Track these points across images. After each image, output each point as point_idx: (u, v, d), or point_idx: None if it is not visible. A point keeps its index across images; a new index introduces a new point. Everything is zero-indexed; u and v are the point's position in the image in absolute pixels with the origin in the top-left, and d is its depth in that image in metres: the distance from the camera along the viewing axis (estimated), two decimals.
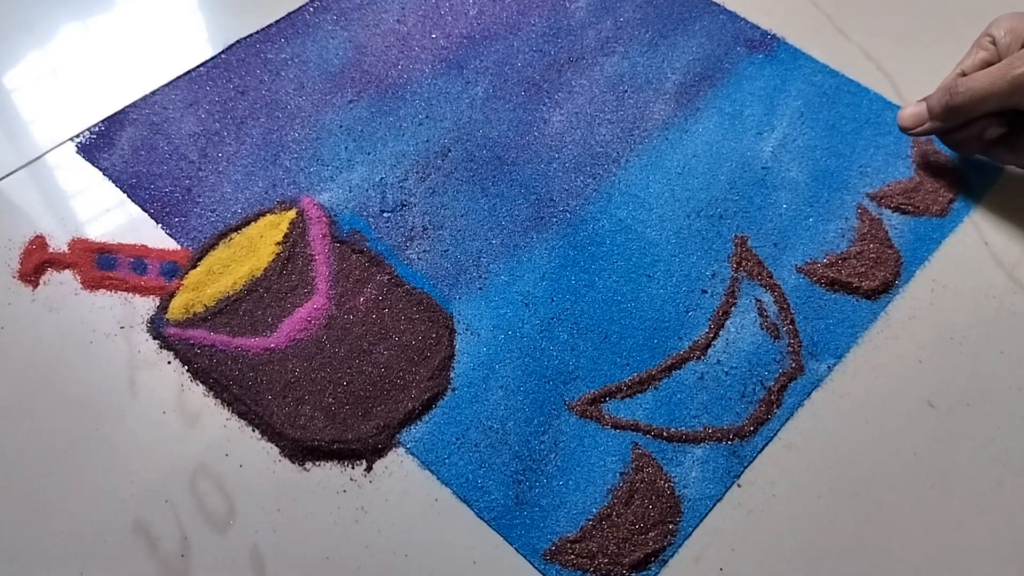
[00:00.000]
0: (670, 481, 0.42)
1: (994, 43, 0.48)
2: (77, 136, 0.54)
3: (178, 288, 0.48)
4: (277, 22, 0.60)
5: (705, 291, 0.48)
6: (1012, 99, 0.46)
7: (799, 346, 0.46)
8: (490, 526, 0.41)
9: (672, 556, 0.40)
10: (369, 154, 0.53)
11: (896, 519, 0.41)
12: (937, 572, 0.39)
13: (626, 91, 0.56)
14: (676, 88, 0.57)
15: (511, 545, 0.40)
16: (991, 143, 0.49)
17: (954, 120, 0.49)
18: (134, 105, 0.56)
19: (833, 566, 0.39)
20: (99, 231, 0.50)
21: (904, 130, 0.51)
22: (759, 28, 0.60)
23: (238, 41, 0.59)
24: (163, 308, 0.47)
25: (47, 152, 0.53)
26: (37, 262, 0.48)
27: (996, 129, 0.48)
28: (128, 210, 0.51)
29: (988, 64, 0.48)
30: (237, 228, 0.50)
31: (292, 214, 0.51)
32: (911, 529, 0.40)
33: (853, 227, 0.50)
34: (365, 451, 0.42)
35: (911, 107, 0.51)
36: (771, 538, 0.40)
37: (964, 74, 0.49)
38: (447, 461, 0.42)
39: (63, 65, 0.58)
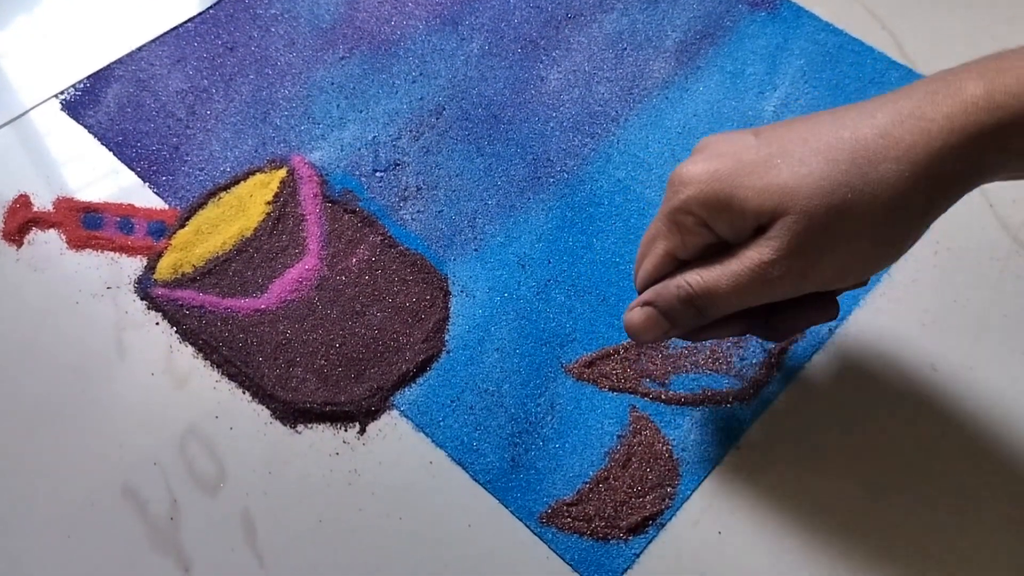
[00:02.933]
0: (668, 444, 0.41)
1: (704, 225, 0.34)
2: (61, 93, 0.53)
3: (166, 248, 0.46)
4: None
5: None
6: (776, 297, 0.34)
7: None
8: (486, 489, 0.40)
9: (670, 519, 0.39)
10: (361, 112, 0.52)
11: (897, 483, 0.40)
12: (937, 536, 0.39)
13: (625, 49, 0.55)
14: (676, 46, 0.55)
15: (507, 508, 0.39)
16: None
17: (702, 323, 0.36)
18: (120, 61, 0.54)
19: (833, 530, 0.39)
20: (85, 190, 0.49)
21: (641, 340, 0.37)
22: None
23: None
24: (151, 268, 0.46)
25: (31, 109, 0.52)
26: (21, 221, 0.47)
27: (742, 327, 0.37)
28: (114, 168, 0.50)
29: (704, 247, 0.34)
30: (226, 187, 0.49)
31: (282, 173, 0.49)
32: (912, 493, 0.40)
33: None
34: (358, 413, 0.42)
35: (636, 312, 0.36)
36: (770, 501, 0.40)
37: (672, 256, 0.35)
38: (442, 424, 0.42)
39: (47, 20, 0.56)
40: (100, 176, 0.49)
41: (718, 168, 0.33)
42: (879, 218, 0.31)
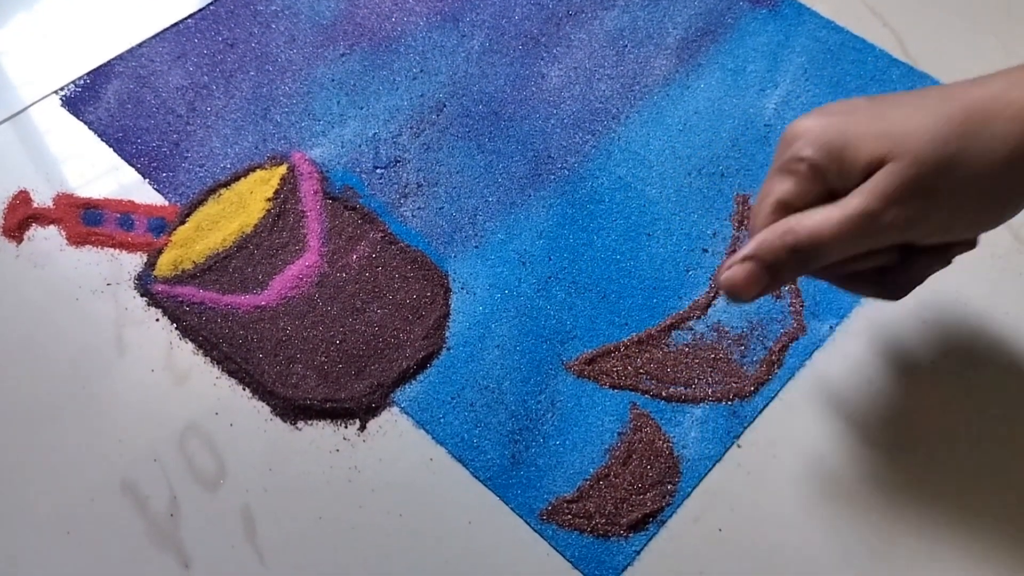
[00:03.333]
0: (669, 441, 0.41)
1: (818, 171, 0.34)
2: (62, 89, 0.53)
3: (166, 244, 0.46)
4: None
5: (706, 250, 0.47)
6: (875, 245, 0.34)
7: (801, 306, 0.45)
8: (486, 486, 0.40)
9: (671, 516, 0.39)
10: (362, 109, 0.52)
11: (898, 480, 0.40)
12: (939, 532, 0.39)
13: (626, 46, 0.55)
14: (677, 43, 0.55)
15: (507, 505, 0.39)
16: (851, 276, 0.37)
17: (803, 274, 0.36)
18: (120, 57, 0.54)
19: (834, 528, 0.39)
20: (85, 186, 0.49)
21: (742, 297, 0.35)
22: None
23: None
24: (151, 265, 0.46)
25: (31, 105, 0.52)
26: (21, 217, 0.47)
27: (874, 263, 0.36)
28: (114, 165, 0.49)
29: (816, 196, 0.34)
30: (226, 184, 0.49)
31: (283, 169, 0.49)
32: (914, 490, 0.40)
33: None
34: (358, 410, 0.42)
35: (739, 268, 0.35)
36: (771, 499, 0.40)
37: (788, 208, 0.35)
38: (442, 420, 0.42)
39: (47, 16, 0.56)
40: (100, 172, 0.49)
41: (832, 119, 0.34)
42: (990, 173, 0.31)
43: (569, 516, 0.39)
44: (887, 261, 0.36)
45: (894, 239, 0.33)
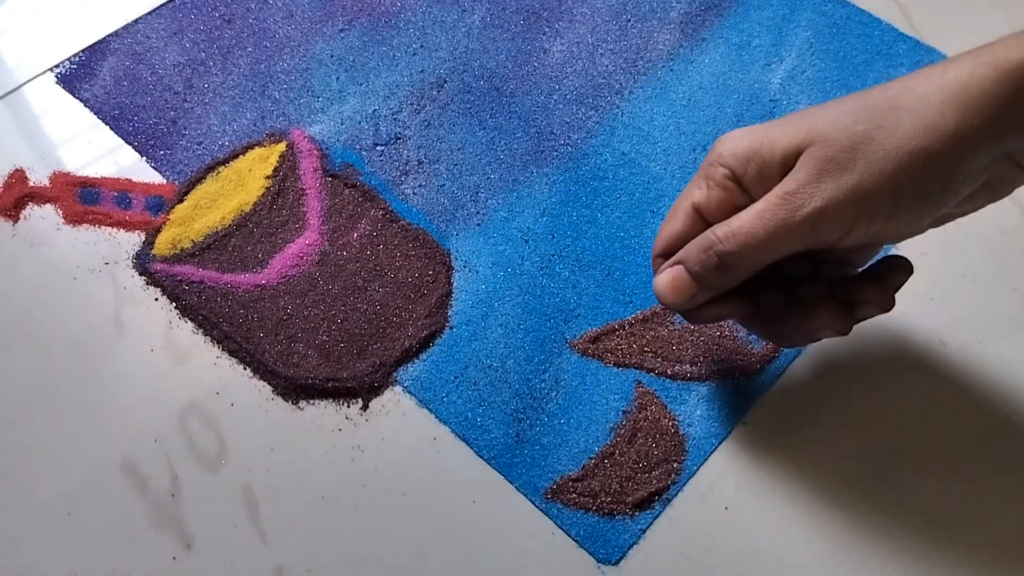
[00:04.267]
0: (674, 419, 0.41)
1: (734, 179, 0.35)
2: (57, 67, 0.52)
3: (164, 223, 0.46)
4: None
5: None
6: (804, 242, 0.33)
7: None
8: (490, 465, 0.40)
9: (676, 495, 0.39)
10: (361, 85, 0.51)
11: (906, 457, 0.40)
12: (947, 510, 0.38)
13: (629, 20, 0.54)
14: (681, 17, 0.54)
15: (511, 484, 0.39)
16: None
17: (730, 283, 0.35)
18: (116, 34, 0.53)
19: (841, 505, 0.39)
20: (81, 164, 0.48)
21: (672, 307, 0.36)
22: None
23: None
24: (149, 243, 0.45)
25: (25, 83, 0.51)
26: (17, 196, 0.47)
27: (774, 297, 0.37)
28: (111, 142, 0.49)
29: (732, 205, 0.35)
30: (225, 161, 0.48)
31: (282, 147, 0.49)
32: (919, 468, 0.39)
33: None
34: (361, 389, 0.41)
35: (665, 275, 0.36)
36: (777, 477, 0.39)
37: (699, 213, 0.36)
38: (445, 399, 0.41)
39: None
40: (96, 150, 0.49)
41: (755, 128, 0.35)
42: (904, 150, 0.31)
43: (574, 495, 0.39)
44: (805, 271, 0.36)
45: (819, 229, 0.33)
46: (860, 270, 0.37)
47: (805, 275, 0.37)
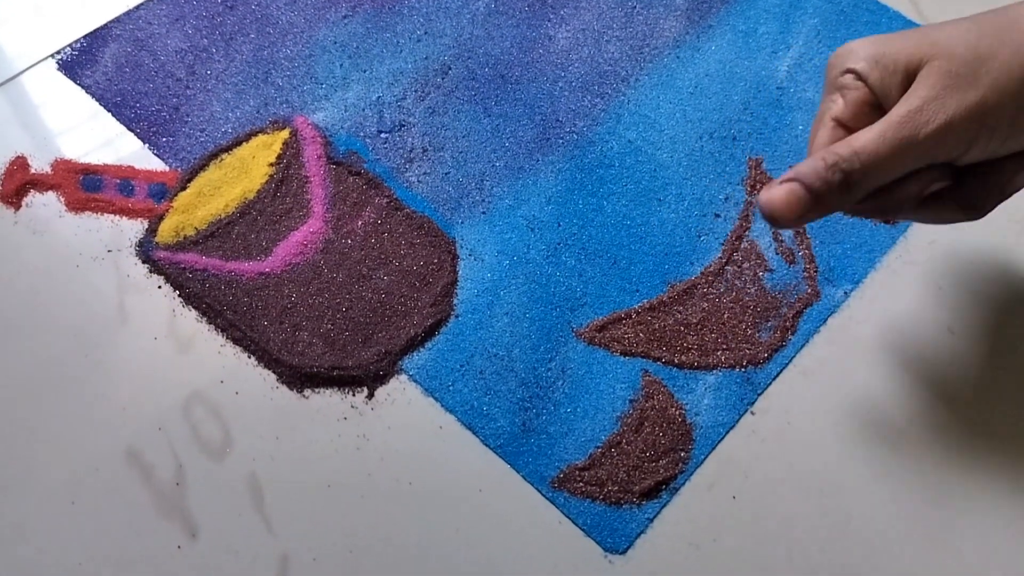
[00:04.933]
0: (681, 408, 0.40)
1: (861, 79, 0.34)
2: (58, 53, 0.51)
3: (167, 210, 0.45)
4: None
5: (718, 215, 0.46)
6: (926, 158, 0.33)
7: (815, 271, 0.44)
8: (496, 454, 0.39)
9: (684, 484, 0.39)
10: (365, 72, 0.51)
11: (915, 446, 0.39)
12: (956, 498, 0.38)
13: (635, 7, 0.54)
14: (687, 4, 0.54)
15: (518, 473, 0.39)
16: (924, 200, 0.36)
17: (851, 200, 0.34)
18: (117, 20, 0.53)
19: (849, 494, 0.38)
20: (83, 151, 0.48)
21: (781, 222, 0.34)
22: None
23: None
24: (152, 231, 0.45)
25: (26, 70, 0.51)
26: (19, 183, 0.46)
27: (939, 183, 0.35)
28: (113, 130, 0.48)
29: (867, 105, 0.34)
30: (228, 148, 0.48)
31: (285, 134, 0.48)
32: (930, 455, 0.39)
33: None
34: (366, 378, 0.41)
35: (777, 189, 0.33)
36: (786, 466, 0.39)
37: (841, 124, 0.35)
38: (451, 388, 0.41)
39: None
40: (98, 137, 0.48)
41: (876, 38, 0.35)
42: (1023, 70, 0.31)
43: (581, 484, 0.39)
44: (939, 181, 0.35)
45: (941, 146, 0.33)
46: None
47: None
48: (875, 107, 0.34)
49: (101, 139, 0.48)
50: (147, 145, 0.48)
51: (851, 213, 0.37)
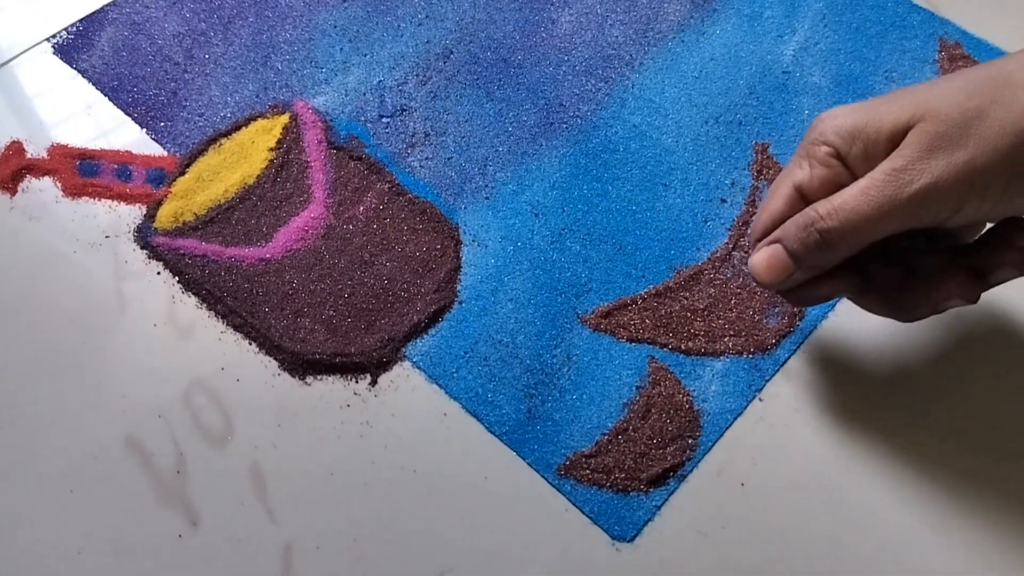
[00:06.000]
0: (688, 395, 0.40)
1: (838, 157, 0.34)
2: (53, 37, 0.51)
3: (166, 196, 0.45)
4: None
5: (724, 200, 0.45)
6: (912, 219, 0.32)
7: None
8: (502, 441, 0.39)
9: (691, 471, 0.38)
10: (366, 56, 0.50)
11: (925, 430, 0.39)
12: (966, 481, 0.38)
13: None
14: None
15: (523, 460, 0.38)
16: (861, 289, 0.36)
17: (831, 262, 0.34)
18: (114, 3, 0.52)
19: (859, 479, 0.38)
20: (80, 136, 0.47)
21: (770, 287, 0.36)
22: None
23: None
24: (150, 217, 0.44)
25: (21, 53, 0.50)
26: (14, 168, 0.45)
27: (849, 293, 0.36)
28: (110, 114, 0.48)
29: (837, 184, 0.33)
30: (227, 133, 0.47)
31: (285, 119, 0.47)
32: (941, 439, 0.39)
33: None
34: (369, 365, 0.40)
35: (761, 254, 0.35)
36: (794, 453, 0.39)
37: (802, 194, 0.34)
38: (455, 375, 0.40)
39: None
40: (95, 122, 0.47)
41: (858, 105, 0.34)
42: (1021, 126, 0.30)
43: (587, 471, 0.38)
44: (849, 292, 0.35)
45: (926, 208, 0.31)
46: (975, 239, 0.36)
47: (919, 248, 0.36)
48: (842, 187, 0.33)
49: (98, 124, 0.47)
50: (145, 130, 0.47)
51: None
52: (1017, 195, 0.31)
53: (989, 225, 0.36)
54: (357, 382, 0.40)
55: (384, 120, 0.48)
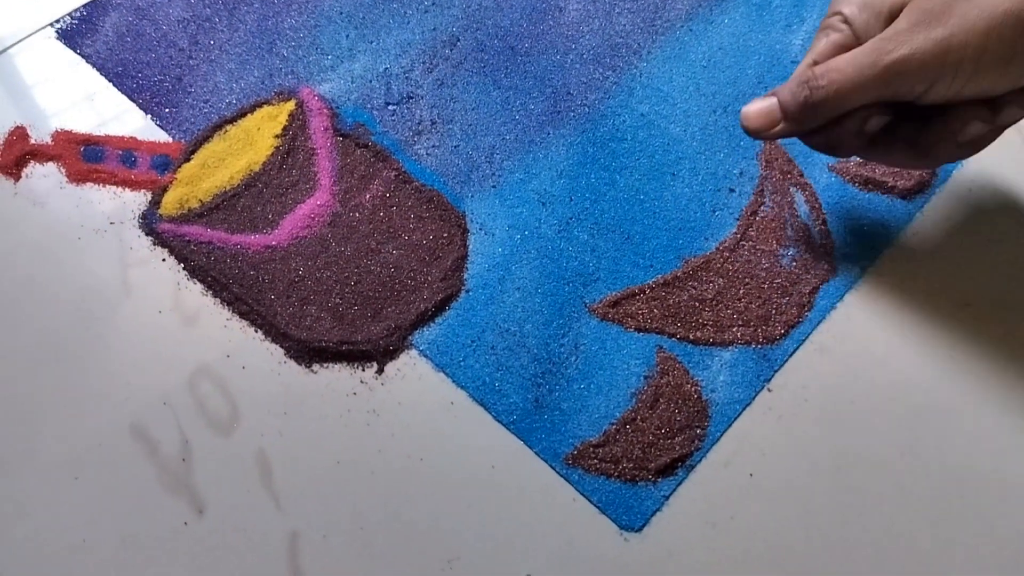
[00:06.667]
0: (697, 385, 0.40)
1: (847, 23, 0.36)
2: (57, 22, 0.50)
3: (171, 182, 0.44)
4: None
5: (733, 190, 0.45)
6: (888, 89, 0.35)
7: (831, 247, 0.43)
8: (509, 430, 0.39)
9: (700, 461, 0.38)
10: (372, 43, 0.50)
11: (932, 422, 0.39)
12: (973, 476, 0.38)
13: None
14: None
15: (531, 449, 0.38)
16: (874, 138, 0.38)
17: (815, 119, 0.37)
18: None
19: (867, 471, 0.38)
20: (84, 122, 0.46)
21: (752, 133, 0.38)
22: None
23: None
24: (155, 203, 0.44)
25: (25, 38, 0.50)
26: (18, 154, 0.45)
27: (878, 119, 0.36)
28: (115, 100, 0.47)
29: (845, 49, 0.36)
30: (232, 120, 0.47)
31: (291, 105, 0.47)
32: (948, 432, 0.39)
33: None
34: (376, 353, 0.40)
35: (757, 102, 0.38)
36: (803, 443, 0.39)
37: (817, 63, 0.37)
38: (462, 364, 0.40)
39: None
40: (100, 108, 0.47)
41: None
42: (999, 9, 0.32)
43: (595, 461, 0.38)
44: (878, 116, 0.36)
45: (901, 78, 0.34)
46: None
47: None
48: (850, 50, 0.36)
49: (102, 110, 0.47)
50: (150, 116, 0.47)
51: (809, 144, 0.39)
52: (988, 73, 0.34)
53: None
54: (364, 370, 0.40)
55: (391, 107, 0.47)
